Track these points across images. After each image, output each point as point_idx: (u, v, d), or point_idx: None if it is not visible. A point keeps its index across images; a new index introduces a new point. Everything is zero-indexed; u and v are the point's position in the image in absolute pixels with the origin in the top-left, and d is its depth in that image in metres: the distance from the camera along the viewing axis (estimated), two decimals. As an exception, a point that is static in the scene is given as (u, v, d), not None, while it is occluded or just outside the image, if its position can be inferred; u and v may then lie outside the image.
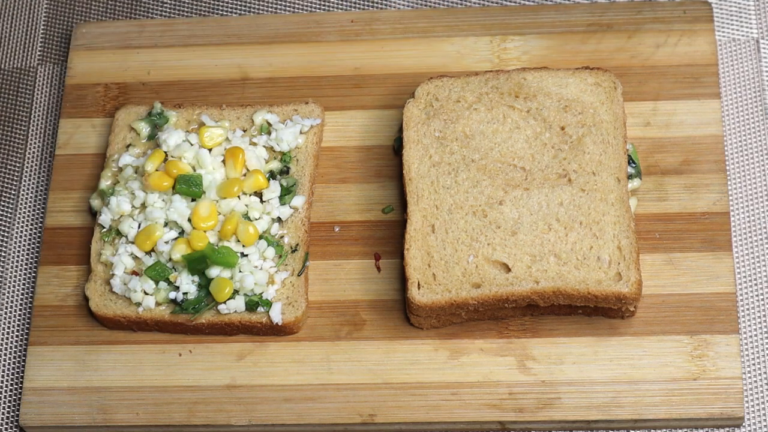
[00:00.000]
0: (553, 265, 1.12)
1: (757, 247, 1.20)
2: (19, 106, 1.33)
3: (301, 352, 1.16)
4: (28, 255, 1.26)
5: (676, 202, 1.19)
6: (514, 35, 1.27)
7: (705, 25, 1.25)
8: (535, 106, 1.18)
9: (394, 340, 1.16)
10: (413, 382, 1.14)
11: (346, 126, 1.25)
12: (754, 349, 1.16)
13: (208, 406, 1.15)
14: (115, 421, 1.15)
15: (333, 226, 1.21)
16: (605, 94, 1.19)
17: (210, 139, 1.20)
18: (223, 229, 1.16)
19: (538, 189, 1.15)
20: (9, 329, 1.23)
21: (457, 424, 1.13)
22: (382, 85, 1.26)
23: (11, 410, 1.20)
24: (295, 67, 1.27)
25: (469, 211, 1.15)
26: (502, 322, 1.16)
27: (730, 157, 1.23)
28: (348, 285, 1.18)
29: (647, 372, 1.13)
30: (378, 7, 1.34)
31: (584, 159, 1.16)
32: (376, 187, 1.22)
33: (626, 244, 1.12)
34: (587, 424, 1.13)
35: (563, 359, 1.14)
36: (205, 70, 1.28)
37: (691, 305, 1.15)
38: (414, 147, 1.18)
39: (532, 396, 1.13)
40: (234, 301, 1.15)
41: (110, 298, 1.17)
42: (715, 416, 1.11)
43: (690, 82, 1.23)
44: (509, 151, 1.17)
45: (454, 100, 1.20)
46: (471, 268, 1.13)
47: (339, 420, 1.13)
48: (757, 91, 1.26)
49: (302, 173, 1.21)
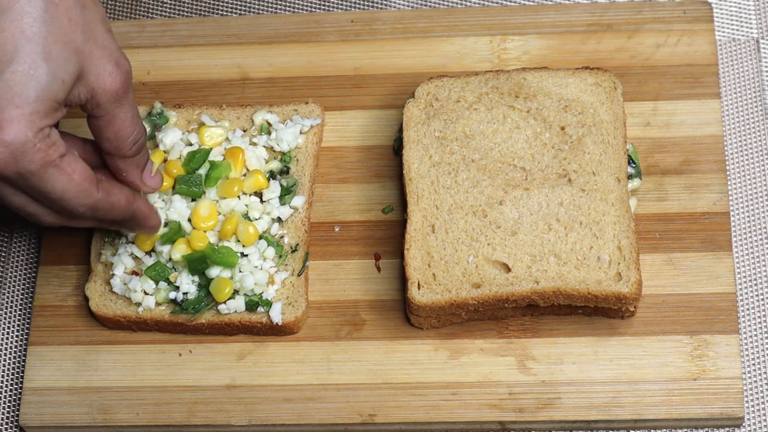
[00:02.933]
0: (553, 265, 1.12)
1: (757, 247, 1.20)
2: (19, 106, 1.32)
3: (301, 352, 1.16)
4: (28, 255, 1.26)
5: (676, 202, 1.19)
6: (514, 35, 1.27)
7: (705, 25, 1.25)
8: (535, 106, 1.18)
9: (394, 340, 1.16)
10: (413, 382, 1.14)
11: (346, 126, 1.25)
12: (754, 349, 1.16)
13: (208, 406, 1.15)
14: (115, 421, 1.15)
15: (333, 226, 1.21)
16: (605, 94, 1.19)
17: (210, 139, 1.20)
18: (223, 229, 1.16)
19: (538, 189, 1.15)
20: (9, 329, 1.23)
21: (457, 424, 1.13)
22: (382, 85, 1.26)
23: (11, 410, 1.20)
24: (295, 67, 1.27)
25: (469, 211, 1.15)
26: (502, 322, 1.16)
27: (730, 157, 1.23)
28: (348, 285, 1.18)
29: (647, 372, 1.13)
30: (378, 7, 1.34)
31: (584, 159, 1.16)
32: (376, 187, 1.22)
33: (626, 244, 1.12)
34: (587, 424, 1.13)
35: (563, 359, 1.14)
36: (205, 70, 1.28)
37: (691, 305, 1.15)
38: (414, 147, 1.18)
39: (532, 396, 1.13)
40: (234, 301, 1.15)
41: (110, 298, 1.17)
42: (715, 416, 1.11)
43: (690, 82, 1.23)
44: (509, 151, 1.17)
45: (454, 100, 1.20)
46: (471, 268, 1.13)
47: (339, 420, 1.13)
48: (757, 91, 1.26)
49: (302, 173, 1.21)
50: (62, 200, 1.00)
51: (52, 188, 0.98)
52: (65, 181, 0.99)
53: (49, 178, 0.98)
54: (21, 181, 0.97)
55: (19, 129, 0.95)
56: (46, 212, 1.02)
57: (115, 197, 1.04)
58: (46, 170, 0.97)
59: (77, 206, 1.01)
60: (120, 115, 1.02)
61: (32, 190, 0.99)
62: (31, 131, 0.95)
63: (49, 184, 0.98)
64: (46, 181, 0.98)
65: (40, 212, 1.02)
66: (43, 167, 0.97)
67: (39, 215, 1.02)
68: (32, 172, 0.97)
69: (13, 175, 0.97)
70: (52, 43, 0.96)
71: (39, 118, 0.96)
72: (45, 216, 1.03)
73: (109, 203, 1.03)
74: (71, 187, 0.99)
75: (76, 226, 1.06)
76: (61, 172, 0.98)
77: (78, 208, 1.01)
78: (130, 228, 1.10)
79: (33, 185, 0.98)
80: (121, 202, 1.05)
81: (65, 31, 0.97)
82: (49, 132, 0.97)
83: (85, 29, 0.98)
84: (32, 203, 1.01)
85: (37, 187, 0.98)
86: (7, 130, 0.95)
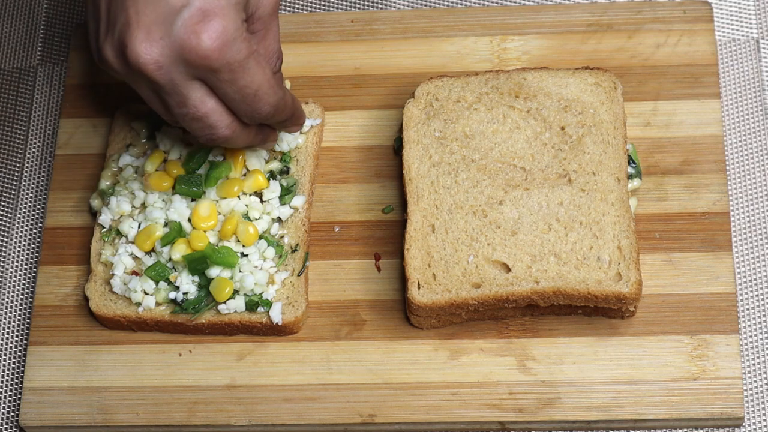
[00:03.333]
0: (553, 265, 1.12)
1: (757, 247, 1.20)
2: (19, 106, 1.33)
3: (301, 352, 1.16)
4: (28, 255, 1.26)
5: (676, 202, 1.19)
6: (514, 35, 1.27)
7: (705, 25, 1.25)
8: (535, 106, 1.18)
9: (394, 340, 1.16)
10: (413, 382, 1.14)
11: (346, 126, 1.25)
12: (754, 349, 1.16)
13: (208, 406, 1.15)
14: (115, 421, 1.15)
15: (333, 226, 1.21)
16: (605, 94, 1.19)
17: (210, 139, 1.20)
18: (223, 229, 1.16)
19: (538, 189, 1.15)
20: (9, 329, 1.23)
21: (457, 424, 1.13)
22: (382, 85, 1.26)
23: (11, 410, 1.20)
24: (295, 67, 1.27)
25: (469, 211, 1.15)
26: (502, 322, 1.16)
27: (730, 157, 1.23)
28: (348, 285, 1.18)
29: (647, 372, 1.13)
30: (378, 7, 1.34)
31: (584, 159, 1.16)
32: (376, 187, 1.22)
33: (626, 244, 1.12)
34: (587, 424, 1.13)
35: (563, 359, 1.14)
36: (205, 70, 1.28)
37: (691, 305, 1.15)
38: (414, 147, 1.18)
39: (532, 396, 1.13)
40: (234, 301, 1.15)
41: (110, 298, 1.17)
42: (715, 416, 1.11)
43: (690, 82, 1.23)
44: (509, 151, 1.17)
45: (454, 100, 1.20)
46: (471, 268, 1.13)
47: (339, 420, 1.13)
48: (757, 91, 1.26)
49: (302, 173, 1.21)
50: (256, 95, 1.03)
51: (251, 80, 1.01)
52: (261, 74, 1.02)
53: (250, 70, 1.01)
54: (226, 73, 1.00)
55: (230, 18, 0.98)
56: (227, 121, 1.05)
57: (286, 94, 1.08)
58: (248, 61, 1.00)
59: (266, 104, 1.04)
60: (273, 29, 1.06)
61: (231, 84, 1.01)
62: (240, 20, 0.99)
63: (248, 76, 1.01)
64: (247, 72, 1.01)
65: (221, 121, 1.04)
66: (247, 57, 1.00)
67: (218, 125, 1.04)
68: (239, 62, 1.00)
69: (221, 65, 0.99)
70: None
71: (240, 9, 1.00)
72: (223, 127, 1.05)
73: (285, 100, 1.07)
74: (265, 81, 1.03)
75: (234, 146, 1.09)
76: (258, 64, 1.01)
77: (265, 106, 1.04)
78: (286, 127, 1.13)
79: (236, 78, 1.00)
80: (289, 99, 1.09)
81: None
82: (245, 25, 1.01)
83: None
84: (218, 109, 1.03)
85: (239, 79, 1.01)
86: (220, 18, 0.97)
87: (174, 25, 0.97)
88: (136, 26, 0.98)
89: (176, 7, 0.97)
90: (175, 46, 0.98)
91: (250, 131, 1.09)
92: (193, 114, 1.03)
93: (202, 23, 0.97)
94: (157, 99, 1.04)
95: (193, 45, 0.98)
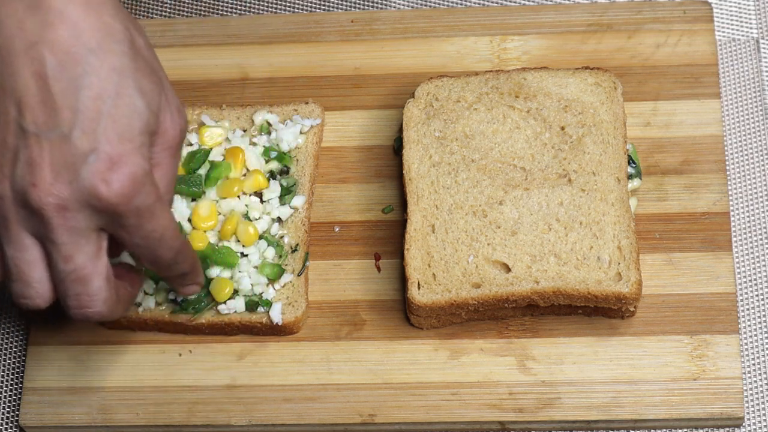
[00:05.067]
0: (553, 265, 1.12)
1: (757, 247, 1.20)
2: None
3: (301, 352, 1.16)
4: (28, 255, 1.25)
5: (676, 202, 1.19)
6: (514, 35, 1.27)
7: (705, 25, 1.25)
8: (535, 106, 1.18)
9: (394, 340, 1.16)
10: (413, 382, 1.14)
11: (346, 126, 1.25)
12: (754, 349, 1.16)
13: (208, 406, 1.15)
14: (115, 421, 1.15)
15: (333, 226, 1.21)
16: (605, 94, 1.19)
17: (210, 139, 1.20)
18: (223, 229, 1.16)
19: (538, 189, 1.15)
20: (9, 329, 1.23)
21: (457, 424, 1.13)
22: (382, 85, 1.26)
23: (11, 410, 1.20)
24: (295, 67, 1.27)
25: (469, 211, 1.15)
26: (502, 322, 1.16)
27: (730, 157, 1.23)
28: (348, 285, 1.18)
29: (647, 372, 1.13)
30: (378, 7, 1.34)
31: (584, 159, 1.16)
32: (376, 187, 1.22)
33: (626, 244, 1.12)
34: (587, 424, 1.13)
35: (563, 359, 1.14)
36: (205, 70, 1.28)
37: (691, 305, 1.15)
38: (414, 147, 1.18)
39: (532, 396, 1.13)
40: (234, 301, 1.15)
41: (110, 298, 1.17)
42: (715, 416, 1.11)
43: (690, 82, 1.23)
44: (509, 151, 1.17)
45: (454, 100, 1.20)
46: (471, 268, 1.13)
47: (339, 420, 1.13)
48: (757, 91, 1.26)
49: (302, 173, 1.21)
50: (162, 239, 0.96)
51: (158, 224, 0.95)
52: (167, 218, 0.96)
53: (156, 214, 0.95)
54: (133, 218, 0.94)
55: (137, 161, 0.92)
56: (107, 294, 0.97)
57: (186, 241, 1.02)
58: (156, 205, 0.94)
59: (169, 249, 0.97)
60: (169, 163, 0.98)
61: (138, 230, 0.95)
62: (147, 163, 0.93)
63: (155, 220, 0.95)
64: (154, 217, 0.94)
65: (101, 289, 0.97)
66: (155, 202, 0.94)
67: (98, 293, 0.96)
68: (147, 206, 0.93)
69: (128, 210, 0.93)
70: (141, 77, 0.93)
71: (146, 150, 0.94)
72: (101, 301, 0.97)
73: (186, 246, 1.01)
74: (170, 225, 0.96)
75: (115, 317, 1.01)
76: (164, 208, 0.95)
77: (168, 252, 0.98)
78: (183, 284, 1.06)
79: (142, 223, 0.94)
80: (189, 246, 1.03)
81: (149, 64, 0.95)
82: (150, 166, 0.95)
83: (159, 66, 0.97)
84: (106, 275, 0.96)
85: (145, 224, 0.94)
86: (127, 162, 0.92)
87: (81, 171, 0.91)
88: (42, 166, 0.91)
89: (84, 151, 0.91)
90: (83, 191, 0.91)
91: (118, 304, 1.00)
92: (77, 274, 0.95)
93: (111, 171, 0.91)
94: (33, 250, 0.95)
95: (102, 192, 0.91)
